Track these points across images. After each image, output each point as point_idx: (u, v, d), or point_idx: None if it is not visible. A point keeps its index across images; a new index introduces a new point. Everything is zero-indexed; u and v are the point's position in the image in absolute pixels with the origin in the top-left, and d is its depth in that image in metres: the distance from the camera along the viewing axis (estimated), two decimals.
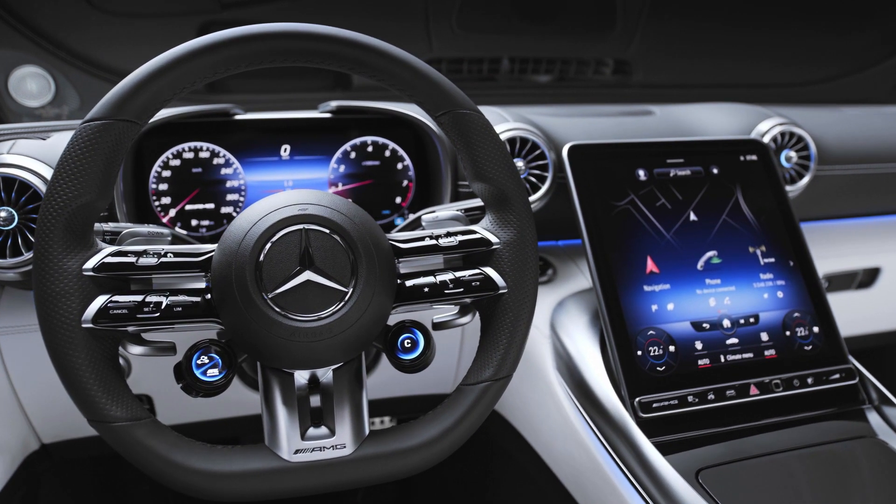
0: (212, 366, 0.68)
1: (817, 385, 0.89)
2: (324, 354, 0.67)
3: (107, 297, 0.65)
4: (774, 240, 0.99)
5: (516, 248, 0.73)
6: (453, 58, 1.48)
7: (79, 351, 0.63)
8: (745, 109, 1.19)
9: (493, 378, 0.72)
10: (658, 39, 1.53)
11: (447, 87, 0.74)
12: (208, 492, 0.65)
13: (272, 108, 1.15)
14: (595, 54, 1.56)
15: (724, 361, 0.89)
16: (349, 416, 0.69)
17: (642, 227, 0.95)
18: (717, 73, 1.62)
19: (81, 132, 0.65)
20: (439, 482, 1.60)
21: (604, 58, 1.57)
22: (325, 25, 0.73)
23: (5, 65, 1.15)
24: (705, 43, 1.58)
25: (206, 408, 1.14)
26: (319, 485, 0.67)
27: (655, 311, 0.90)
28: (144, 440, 0.64)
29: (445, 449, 0.70)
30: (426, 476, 1.60)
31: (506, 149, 0.74)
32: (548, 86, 1.59)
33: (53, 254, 0.64)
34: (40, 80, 1.16)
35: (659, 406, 0.83)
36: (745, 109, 1.19)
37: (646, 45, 1.54)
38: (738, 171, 1.02)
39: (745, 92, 1.58)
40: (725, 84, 1.62)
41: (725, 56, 1.60)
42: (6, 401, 0.97)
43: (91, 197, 0.65)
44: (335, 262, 0.66)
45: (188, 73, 0.68)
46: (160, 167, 1.06)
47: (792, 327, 0.93)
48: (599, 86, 1.61)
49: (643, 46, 1.54)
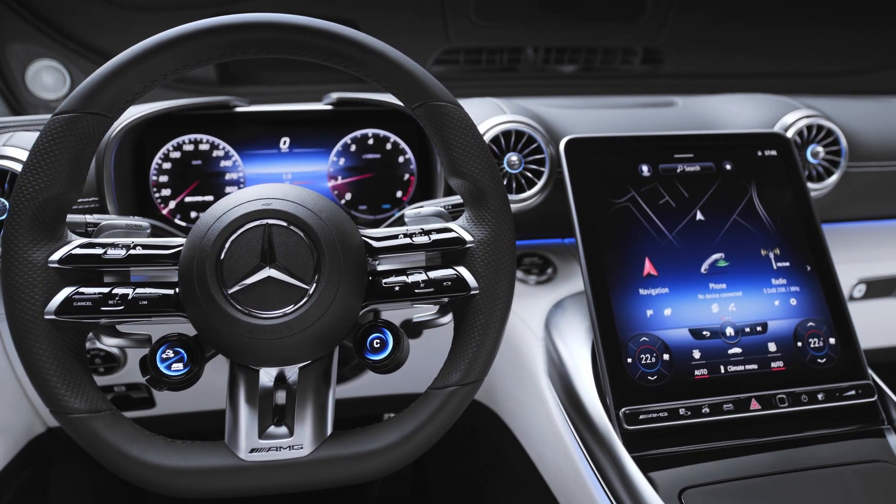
0: (177, 360, 0.68)
1: (829, 402, 0.82)
2: (286, 352, 0.65)
3: (72, 289, 0.65)
4: (791, 242, 0.91)
5: (490, 247, 0.70)
6: (471, 48, 1.44)
7: (40, 342, 0.64)
8: (772, 101, 1.10)
9: (459, 383, 0.69)
10: (690, 26, 1.45)
11: (422, 78, 0.71)
12: (162, 486, 0.64)
13: (283, 100, 1.14)
14: (622, 43, 1.48)
15: (724, 373, 0.82)
16: (311, 415, 0.67)
17: (642, 227, 0.89)
18: (754, 61, 1.51)
19: (50, 125, 0.65)
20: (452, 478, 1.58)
21: (632, 46, 1.50)
22: (298, 15, 0.71)
23: (23, 58, 1.18)
24: (740, 30, 1.47)
25: (205, 398, 1.15)
26: (273, 485, 0.66)
27: (650, 317, 0.84)
28: (101, 432, 0.64)
29: (407, 454, 0.67)
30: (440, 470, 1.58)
31: (483, 143, 0.71)
32: (572, 76, 1.53)
33: (19, 245, 0.64)
34: (55, 74, 1.20)
35: (646, 418, 0.78)
36: (771, 101, 1.10)
37: (677, 33, 1.46)
38: (754, 167, 0.95)
39: (784, 82, 1.47)
40: (762, 74, 1.51)
41: (762, 44, 1.49)
42: (9, 384, 1.01)
43: (59, 189, 0.65)
44: (297, 258, 0.64)
45: (157, 65, 0.67)
46: (161, 159, 1.07)
47: (804, 338, 0.86)
48: (628, 76, 1.54)
49: (674, 34, 1.46)
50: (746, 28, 1.46)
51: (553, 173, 0.96)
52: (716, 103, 1.15)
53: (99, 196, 0.93)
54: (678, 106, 1.17)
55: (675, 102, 1.18)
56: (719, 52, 1.49)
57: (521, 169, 0.96)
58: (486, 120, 0.97)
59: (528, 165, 0.96)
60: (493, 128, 0.96)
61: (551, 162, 0.96)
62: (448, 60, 1.45)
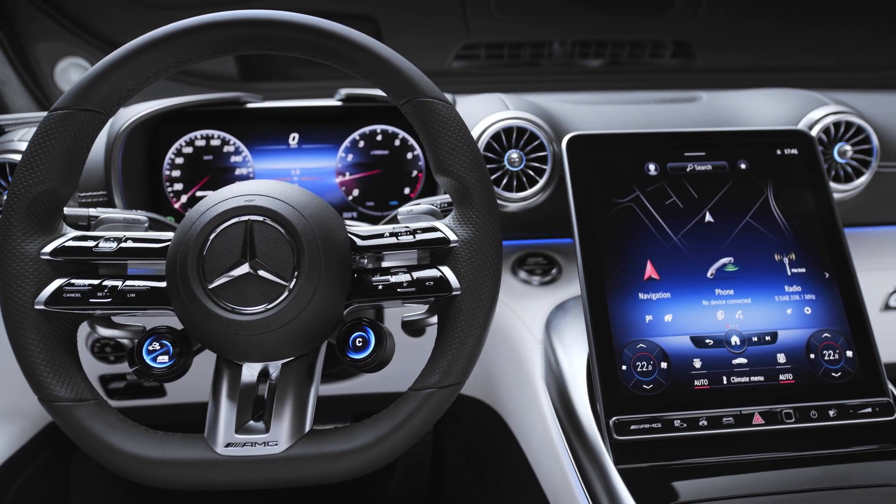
0: (162, 352, 0.69)
1: (841, 419, 0.76)
2: (266, 348, 0.65)
3: (64, 281, 0.67)
4: (808, 247, 0.85)
5: (474, 247, 0.68)
6: (492, 42, 1.41)
7: (30, 332, 0.66)
8: (798, 96, 1.04)
9: (437, 385, 0.67)
10: (722, 18, 1.38)
11: (410, 74, 0.70)
12: (139, 476, 0.65)
13: (301, 96, 1.15)
14: (651, 36, 1.43)
15: (727, 384, 0.78)
16: (289, 412, 0.67)
17: (645, 228, 0.85)
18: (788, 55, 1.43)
19: (45, 122, 0.67)
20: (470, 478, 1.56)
21: (662, 40, 1.44)
22: (287, 11, 0.71)
23: (52, 56, 1.23)
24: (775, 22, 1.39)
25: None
26: (246, 480, 0.66)
27: (649, 323, 0.80)
28: (84, 421, 0.66)
29: (381, 455, 0.66)
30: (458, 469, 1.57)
31: (471, 141, 0.69)
32: (598, 71, 1.48)
33: (13, 237, 0.66)
34: (82, 71, 1.24)
35: (638, 429, 0.74)
36: (797, 96, 1.04)
37: (709, 26, 1.39)
38: (772, 166, 0.89)
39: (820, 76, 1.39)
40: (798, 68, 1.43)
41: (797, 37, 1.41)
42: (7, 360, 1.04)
43: (53, 184, 0.67)
44: (277, 255, 0.64)
45: (149, 62, 0.68)
46: (174, 154, 1.09)
47: (818, 350, 0.80)
48: (657, 70, 1.48)
49: (706, 27, 1.39)
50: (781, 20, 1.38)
51: (556, 171, 0.93)
52: (740, 98, 1.09)
53: (107, 190, 0.95)
54: (701, 101, 1.12)
55: (698, 98, 1.13)
56: (753, 45, 1.42)
57: (523, 166, 0.93)
58: (488, 116, 0.95)
59: (531, 163, 0.94)
60: (494, 124, 0.94)
61: (554, 159, 0.93)
62: (469, 56, 1.43)
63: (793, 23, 1.41)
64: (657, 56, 1.46)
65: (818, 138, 0.97)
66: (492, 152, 0.94)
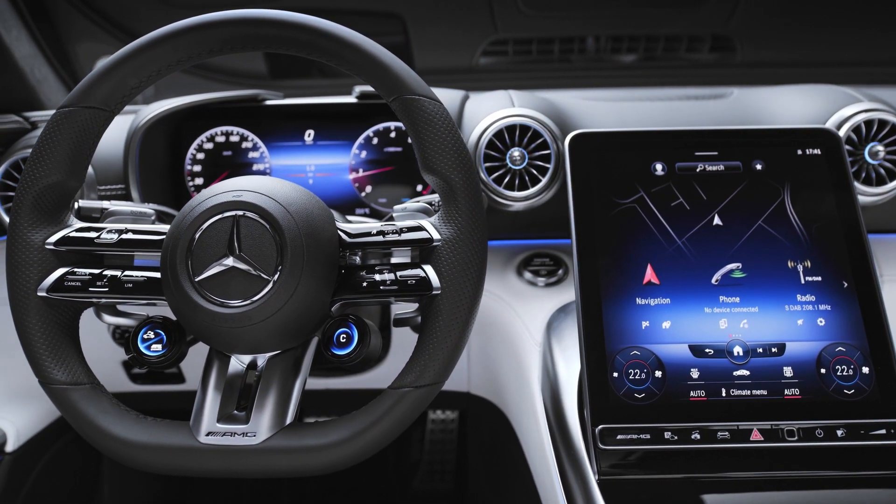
0: (156, 341, 0.72)
1: (851, 439, 0.71)
2: (250, 340, 0.67)
3: (66, 270, 0.70)
4: (826, 254, 0.80)
5: (455, 247, 0.68)
6: (520, 38, 1.39)
7: (32, 317, 0.69)
8: (830, 92, 0.97)
9: (413, 385, 0.67)
10: (766, 10, 1.30)
11: (398, 71, 0.70)
12: (125, 459, 0.68)
13: (328, 93, 1.16)
14: (687, 30, 1.36)
15: (726, 396, 0.74)
16: (271, 405, 0.68)
17: (647, 230, 0.81)
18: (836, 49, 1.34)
19: (51, 119, 0.71)
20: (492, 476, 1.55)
21: (699, 33, 1.37)
22: (279, 10, 0.72)
23: (91, 56, 1.29)
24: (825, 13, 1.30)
25: None
26: (223, 469, 0.67)
27: (645, 329, 0.77)
28: (78, 403, 0.69)
29: (355, 451, 0.67)
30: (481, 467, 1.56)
31: (458, 139, 0.68)
32: (632, 67, 1.43)
33: (20, 228, 0.70)
34: None
35: (625, 439, 0.71)
36: (829, 92, 0.97)
37: (749, 18, 1.31)
38: (791, 167, 0.84)
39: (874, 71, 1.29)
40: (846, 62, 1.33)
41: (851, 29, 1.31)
42: None
43: (59, 177, 0.70)
44: (261, 249, 0.65)
45: (148, 61, 0.71)
46: (195, 150, 1.13)
47: (830, 364, 0.75)
48: (695, 66, 1.42)
49: (746, 19, 1.32)
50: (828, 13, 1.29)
51: (560, 170, 0.91)
52: (771, 95, 1.03)
53: (125, 184, 0.99)
54: (729, 98, 1.06)
55: (727, 94, 1.08)
56: (798, 39, 1.33)
57: (525, 165, 0.91)
58: (491, 114, 0.93)
59: (535, 162, 0.91)
60: (497, 122, 0.92)
61: (558, 158, 0.90)
62: (496, 52, 1.41)
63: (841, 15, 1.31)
64: (694, 50, 1.40)
65: (847, 137, 0.90)
66: (495, 150, 0.92)
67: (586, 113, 0.99)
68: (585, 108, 1.00)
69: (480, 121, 0.94)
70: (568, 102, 1.02)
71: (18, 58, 0.98)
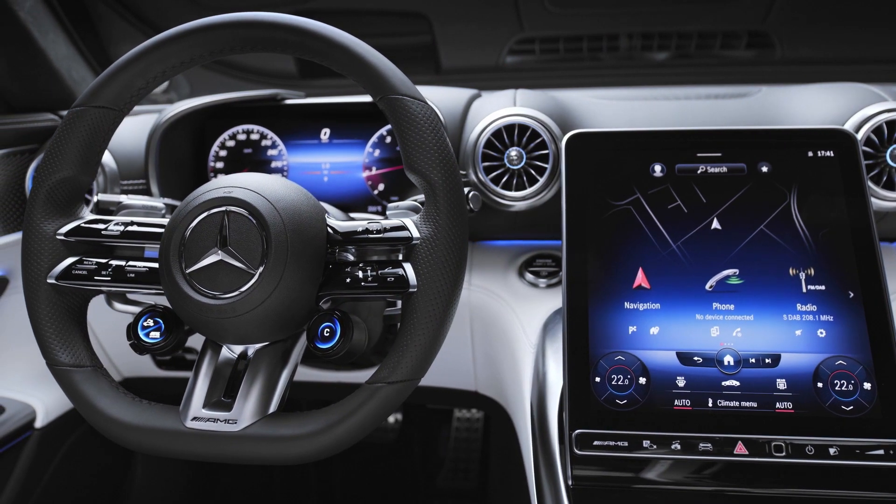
0: (154, 329, 0.75)
1: (844, 458, 0.67)
2: (237, 331, 0.69)
3: (75, 259, 0.75)
4: (832, 262, 0.75)
5: (432, 246, 0.68)
6: (547, 37, 1.37)
7: (41, 302, 0.74)
8: (856, 90, 0.91)
9: (385, 381, 0.68)
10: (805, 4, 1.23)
11: (384, 71, 0.72)
12: (117, 438, 0.72)
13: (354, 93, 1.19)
14: (721, 25, 1.31)
15: (712, 407, 0.71)
16: (255, 394, 0.71)
17: (641, 233, 0.79)
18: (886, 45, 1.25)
19: (65, 118, 0.76)
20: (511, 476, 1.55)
21: (734, 29, 1.32)
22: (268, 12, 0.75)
23: None
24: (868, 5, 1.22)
25: None
26: (204, 453, 0.70)
27: (632, 334, 0.75)
28: (79, 384, 0.73)
29: (329, 444, 0.68)
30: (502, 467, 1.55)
31: (440, 139, 0.69)
32: (665, 65, 1.39)
33: (35, 219, 0.75)
34: None
35: (602, 445, 0.70)
36: (855, 90, 0.92)
37: (789, 12, 1.25)
38: (799, 169, 0.80)
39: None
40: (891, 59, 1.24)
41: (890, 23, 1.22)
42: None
43: (70, 172, 0.75)
44: (247, 244, 0.68)
45: (154, 63, 0.75)
46: (218, 147, 1.17)
47: (828, 378, 0.71)
48: (731, 63, 1.36)
49: (786, 13, 1.25)
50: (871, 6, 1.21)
51: (558, 170, 0.89)
52: (795, 94, 0.98)
53: (146, 179, 1.04)
54: (751, 97, 1.02)
55: (752, 93, 1.03)
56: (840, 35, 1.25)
57: (523, 164, 0.90)
58: (490, 114, 0.93)
59: (534, 162, 0.90)
60: (495, 122, 0.92)
61: (556, 158, 0.89)
62: (523, 50, 1.40)
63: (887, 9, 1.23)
64: (730, 47, 1.34)
65: (866, 138, 0.85)
66: (494, 150, 0.92)
67: (595, 112, 0.97)
68: (595, 108, 0.98)
69: (481, 120, 0.93)
70: (578, 101, 1.00)
71: (54, 59, 1.05)
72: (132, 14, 1.26)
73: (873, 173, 0.85)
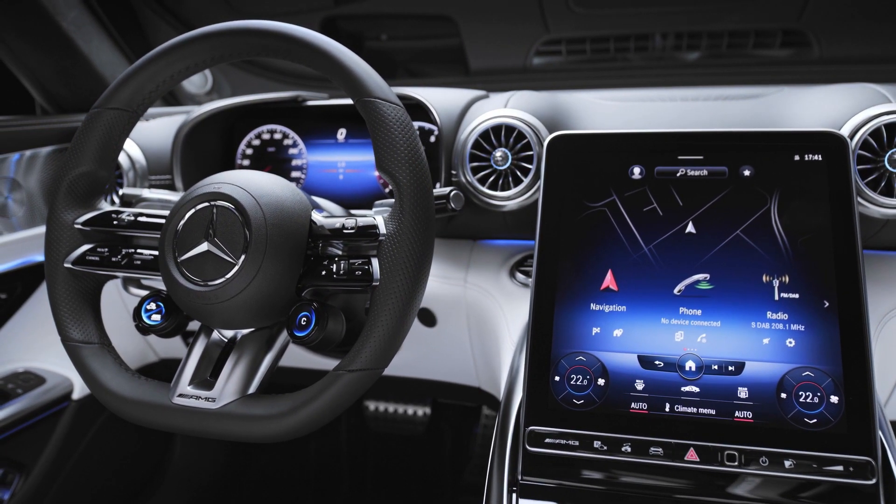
0: (156, 312, 0.83)
1: (800, 472, 0.65)
2: (222, 316, 0.75)
3: (90, 246, 0.83)
4: (809, 270, 0.73)
5: (395, 242, 0.72)
6: (573, 38, 1.36)
7: (59, 285, 0.83)
8: (861, 91, 0.87)
9: (345, 369, 0.72)
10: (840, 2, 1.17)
11: (359, 74, 0.75)
12: (113, 409, 0.79)
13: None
14: (753, 24, 1.26)
15: (668, 412, 0.71)
16: (236, 376, 0.76)
17: (613, 235, 0.79)
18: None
19: (84, 118, 0.84)
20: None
21: (767, 27, 1.26)
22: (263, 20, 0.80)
23: None
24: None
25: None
26: (185, 428, 0.76)
27: (595, 336, 0.75)
28: (85, 359, 0.81)
29: (294, 426, 0.72)
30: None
31: (411, 141, 0.72)
32: (697, 65, 1.35)
33: (56, 209, 0.84)
34: (200, 74, 1.46)
35: (553, 443, 0.71)
36: (860, 91, 0.87)
37: (826, 8, 1.19)
38: (783, 174, 0.77)
39: None
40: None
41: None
42: (125, 315, 1.28)
43: (88, 168, 0.83)
44: (232, 236, 0.73)
45: (161, 69, 0.82)
46: (245, 146, 1.25)
47: (793, 390, 0.69)
48: (765, 63, 1.30)
49: (822, 9, 1.19)
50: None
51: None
52: (804, 95, 0.94)
53: (171, 174, 1.13)
54: (761, 99, 0.99)
55: (764, 94, 1.00)
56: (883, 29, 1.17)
57: (509, 165, 0.91)
58: (479, 115, 0.95)
59: (520, 163, 0.92)
60: (481, 123, 0.93)
61: (540, 159, 0.90)
62: (549, 52, 1.40)
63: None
64: (764, 46, 1.29)
65: (862, 141, 0.81)
66: (482, 151, 0.94)
67: (592, 113, 0.97)
68: (594, 109, 0.98)
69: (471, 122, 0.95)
70: (579, 103, 1.00)
71: (97, 64, 1.16)
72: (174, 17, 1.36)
73: (871, 178, 0.81)
